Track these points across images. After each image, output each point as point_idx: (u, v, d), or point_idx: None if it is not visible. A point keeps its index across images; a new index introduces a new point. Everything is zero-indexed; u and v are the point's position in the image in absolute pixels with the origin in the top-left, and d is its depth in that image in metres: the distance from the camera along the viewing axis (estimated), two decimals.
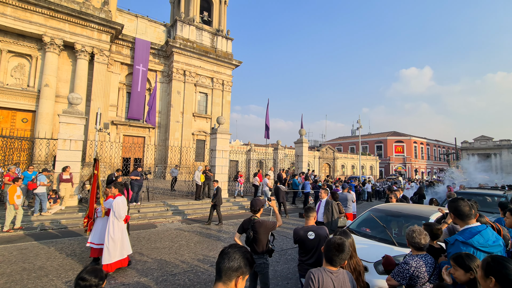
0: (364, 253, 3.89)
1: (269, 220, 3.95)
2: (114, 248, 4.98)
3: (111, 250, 4.95)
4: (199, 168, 12.81)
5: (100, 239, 5.25)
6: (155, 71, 24.10)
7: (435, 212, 4.93)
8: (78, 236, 7.60)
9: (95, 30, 19.47)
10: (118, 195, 5.23)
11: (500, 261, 1.55)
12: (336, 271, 2.21)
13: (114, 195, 5.28)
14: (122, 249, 5.14)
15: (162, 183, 18.30)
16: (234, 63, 27.16)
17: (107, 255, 4.92)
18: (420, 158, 56.45)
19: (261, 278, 3.66)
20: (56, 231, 8.07)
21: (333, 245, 2.24)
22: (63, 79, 19.13)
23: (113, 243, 4.99)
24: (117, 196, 5.21)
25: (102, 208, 5.27)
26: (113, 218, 5.08)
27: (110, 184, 6.82)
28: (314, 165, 37.65)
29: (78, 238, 7.40)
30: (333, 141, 66.18)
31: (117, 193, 5.27)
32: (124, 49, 22.37)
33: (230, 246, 1.60)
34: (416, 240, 2.60)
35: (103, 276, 1.92)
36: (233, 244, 1.64)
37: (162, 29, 24.99)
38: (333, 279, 2.15)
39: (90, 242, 5.36)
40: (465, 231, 2.45)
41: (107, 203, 5.33)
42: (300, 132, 18.30)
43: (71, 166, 9.25)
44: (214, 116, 25.38)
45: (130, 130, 22.70)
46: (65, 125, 9.44)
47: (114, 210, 5.05)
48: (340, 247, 2.22)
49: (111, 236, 5.00)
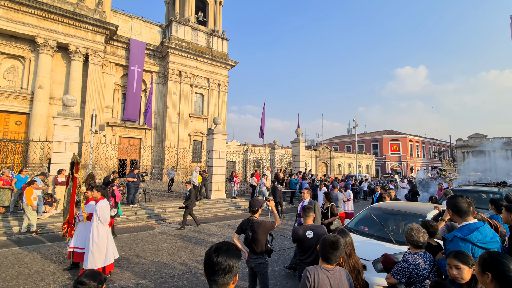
0: (363, 251, 3.90)
1: (267, 220, 3.94)
2: (99, 254, 4.75)
3: (96, 256, 4.71)
4: (196, 169, 12.76)
5: (81, 243, 5.03)
6: (150, 72, 23.97)
7: (432, 210, 4.97)
8: None
9: (89, 31, 19.29)
10: (101, 199, 5.01)
11: (496, 257, 1.57)
12: (332, 269, 2.21)
13: (96, 198, 5.04)
14: (107, 255, 4.90)
15: (159, 185, 18.20)
16: (230, 63, 27.12)
17: (90, 261, 4.66)
18: (416, 156, 56.96)
19: (260, 278, 3.66)
20: (52, 235, 7.97)
21: (327, 243, 2.24)
22: (57, 80, 18.92)
23: (98, 248, 4.74)
24: (100, 200, 4.99)
25: (84, 213, 5.01)
26: (97, 223, 4.84)
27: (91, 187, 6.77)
28: (311, 165, 37.76)
29: None
30: (329, 140, 66.47)
31: (99, 197, 5.03)
32: (119, 50, 22.20)
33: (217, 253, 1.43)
34: (414, 238, 2.62)
35: (102, 279, 1.90)
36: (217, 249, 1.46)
37: (157, 29, 24.86)
38: (329, 277, 2.15)
39: (73, 246, 5.10)
40: (463, 228, 2.47)
41: (88, 207, 5.10)
42: (296, 131, 18.33)
43: (67, 169, 9.11)
44: (211, 117, 25.32)
45: (126, 131, 22.54)
46: (59, 127, 9.33)
47: (99, 214, 4.82)
48: (335, 244, 2.23)
49: (95, 241, 4.74)
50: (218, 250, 1.45)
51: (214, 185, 13.22)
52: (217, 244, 1.50)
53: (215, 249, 1.46)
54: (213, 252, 1.45)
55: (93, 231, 4.81)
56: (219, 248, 1.47)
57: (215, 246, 1.48)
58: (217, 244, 1.51)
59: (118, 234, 8.15)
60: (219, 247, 1.48)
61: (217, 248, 1.46)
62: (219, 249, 1.46)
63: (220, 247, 1.48)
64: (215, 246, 1.48)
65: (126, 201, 10.81)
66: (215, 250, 1.46)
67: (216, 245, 1.50)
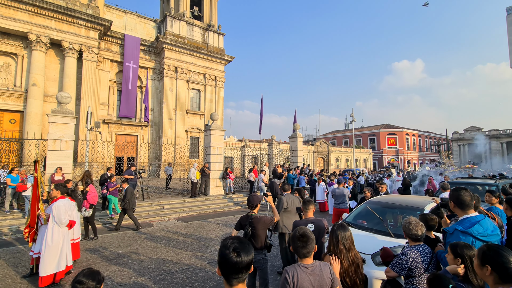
0: (361, 245, 3.90)
1: (266, 215, 3.93)
2: (50, 259, 4.40)
3: (47, 261, 4.36)
4: (194, 165, 12.72)
5: None
6: (146, 68, 23.71)
7: (430, 203, 4.99)
8: None
9: (83, 27, 18.97)
10: (60, 198, 4.67)
11: (495, 250, 1.56)
12: (312, 265, 2.12)
13: (55, 197, 4.70)
14: (60, 260, 4.53)
15: (157, 182, 18.14)
16: (226, 58, 26.90)
17: (41, 266, 4.32)
18: (413, 150, 57.34)
19: (260, 273, 3.66)
20: None
21: (296, 237, 2.16)
22: (51, 78, 18.65)
23: (50, 252, 4.40)
24: (58, 199, 4.63)
25: (43, 215, 4.64)
26: (52, 224, 4.50)
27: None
28: (309, 159, 37.86)
29: None
30: (327, 135, 66.60)
31: (58, 196, 4.68)
32: (114, 46, 21.90)
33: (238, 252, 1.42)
34: (413, 231, 2.62)
35: (100, 279, 1.87)
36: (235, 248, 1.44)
37: (152, 25, 24.54)
38: (308, 274, 2.07)
39: (38, 252, 4.69)
40: (464, 221, 2.47)
41: (49, 209, 4.69)
42: (294, 126, 18.29)
43: (63, 167, 9.06)
44: (208, 113, 25.19)
45: (122, 128, 22.37)
46: (54, 125, 9.21)
47: (54, 214, 4.47)
48: (304, 237, 2.14)
49: (48, 245, 4.41)
50: (237, 249, 1.42)
51: (212, 181, 13.20)
52: (232, 243, 1.45)
53: (234, 249, 1.42)
54: (232, 251, 1.42)
55: (48, 233, 4.46)
56: (237, 247, 1.44)
57: (232, 246, 1.44)
58: (231, 242, 1.46)
59: (116, 232, 8.13)
60: (237, 246, 1.44)
61: (235, 248, 1.43)
62: (238, 248, 1.43)
63: (237, 246, 1.44)
64: (233, 246, 1.44)
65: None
66: (234, 249, 1.42)
67: (231, 244, 1.45)
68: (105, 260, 5.79)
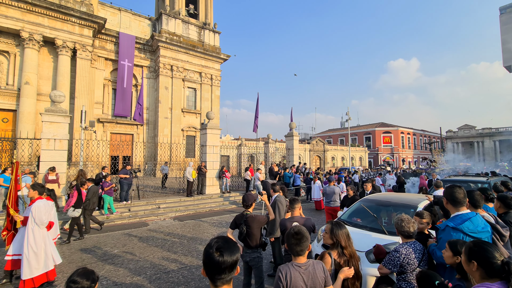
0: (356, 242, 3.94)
1: (261, 214, 3.95)
2: (36, 261, 4.28)
3: (32, 263, 4.23)
4: (190, 164, 12.69)
5: (19, 249, 4.44)
6: (141, 67, 23.54)
7: (423, 200, 5.06)
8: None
9: (76, 24, 18.74)
10: (39, 198, 4.53)
11: (481, 246, 1.61)
12: (305, 264, 2.13)
13: (32, 198, 4.56)
14: (47, 260, 4.42)
15: (153, 181, 18.07)
16: (222, 57, 26.82)
17: (27, 269, 4.20)
18: (407, 148, 57.87)
19: (255, 272, 3.68)
20: None
21: (291, 235, 2.18)
22: (44, 76, 18.41)
23: (35, 254, 4.27)
24: (37, 200, 4.51)
25: (17, 217, 4.44)
26: (32, 225, 4.35)
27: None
28: (305, 158, 37.99)
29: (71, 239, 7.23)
30: (323, 133, 66.87)
31: (36, 196, 4.55)
32: (108, 44, 21.68)
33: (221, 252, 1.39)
34: (405, 228, 2.67)
35: (95, 278, 1.87)
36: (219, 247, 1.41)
37: (147, 22, 24.33)
38: (301, 273, 2.07)
39: (12, 254, 4.47)
40: (455, 218, 2.52)
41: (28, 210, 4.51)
42: (290, 125, 18.34)
43: (57, 166, 8.97)
44: (204, 112, 25.11)
45: (118, 127, 22.20)
46: (48, 124, 9.11)
47: (34, 215, 4.32)
48: (298, 234, 2.15)
49: (31, 247, 4.26)
50: (220, 249, 1.40)
51: (208, 180, 13.19)
52: (216, 242, 1.43)
53: (217, 248, 1.40)
54: (215, 251, 1.39)
55: (28, 235, 4.32)
56: (220, 246, 1.41)
57: (215, 245, 1.41)
58: (215, 242, 1.44)
59: (111, 232, 8.09)
60: (220, 245, 1.41)
61: (218, 247, 1.40)
62: (221, 248, 1.40)
63: (221, 245, 1.41)
64: (216, 245, 1.41)
65: (119, 198, 10.71)
66: (217, 249, 1.40)
67: (215, 243, 1.43)
68: (100, 260, 5.77)
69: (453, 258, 2.18)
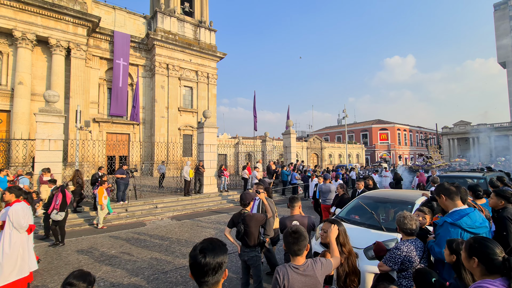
0: (354, 239, 3.93)
1: (259, 213, 3.93)
2: (10, 266, 4.05)
3: (6, 269, 4.01)
4: (187, 163, 12.63)
5: None
6: (136, 66, 23.33)
7: (420, 197, 5.07)
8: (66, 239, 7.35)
9: (70, 23, 18.50)
10: (16, 201, 4.34)
11: (482, 242, 1.59)
12: (303, 265, 2.08)
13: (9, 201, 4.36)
14: (23, 266, 4.18)
15: (150, 180, 17.97)
16: (218, 55, 26.68)
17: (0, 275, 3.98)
18: (404, 145, 58.18)
19: (253, 271, 3.66)
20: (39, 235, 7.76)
21: (289, 233, 2.13)
22: (38, 76, 18.17)
23: (8, 260, 4.05)
24: (15, 203, 4.30)
25: None
26: (10, 230, 4.14)
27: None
28: (302, 156, 38.02)
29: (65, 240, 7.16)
30: (320, 131, 66.98)
31: (13, 199, 4.35)
32: (103, 43, 21.45)
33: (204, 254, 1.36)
34: (408, 226, 2.63)
35: (92, 280, 1.82)
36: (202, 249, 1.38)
37: (142, 21, 24.09)
38: (300, 275, 2.02)
39: None
40: (454, 213, 2.51)
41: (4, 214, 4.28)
42: (287, 123, 18.33)
43: (52, 167, 8.86)
44: (201, 110, 24.99)
45: (114, 127, 22.02)
46: (42, 124, 8.99)
47: (12, 219, 4.11)
48: (297, 233, 2.11)
49: (5, 252, 4.05)
50: (204, 250, 1.37)
51: (206, 179, 13.14)
52: (201, 244, 1.41)
53: (200, 250, 1.37)
54: (199, 253, 1.36)
55: (4, 239, 4.11)
56: (204, 248, 1.38)
57: (199, 247, 1.39)
58: (201, 243, 1.42)
59: (108, 232, 8.02)
60: (204, 246, 1.39)
61: (202, 248, 1.38)
62: (205, 249, 1.37)
63: (205, 246, 1.39)
64: (200, 247, 1.39)
65: (116, 198, 10.63)
66: (200, 250, 1.37)
67: (200, 245, 1.41)
68: (97, 261, 5.72)
69: (450, 256, 2.17)
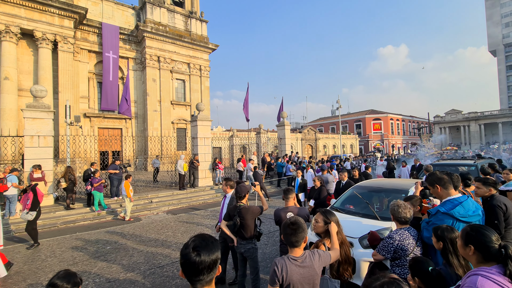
0: (349, 229, 3.98)
1: (255, 205, 3.91)
2: None
3: None
4: (181, 157, 12.53)
5: None
6: (126, 58, 22.79)
7: (413, 185, 5.11)
8: (57, 236, 7.27)
9: (56, 15, 17.87)
10: None
11: (478, 230, 1.59)
12: (301, 257, 2.08)
13: None
14: None
15: (144, 175, 17.83)
16: (210, 46, 26.22)
17: None
18: (397, 134, 58.86)
19: (250, 262, 3.67)
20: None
21: (287, 225, 2.13)
22: (24, 70, 17.63)
23: None
24: None
25: None
26: None
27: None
28: (297, 147, 38.17)
29: (57, 238, 7.08)
30: (314, 122, 67.17)
31: None
32: (91, 35, 20.83)
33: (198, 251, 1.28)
34: (402, 214, 2.65)
35: (77, 281, 1.77)
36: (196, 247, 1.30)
37: (130, 12, 23.42)
38: (298, 266, 2.03)
39: None
40: (447, 202, 2.52)
41: None
42: (281, 115, 18.26)
43: (43, 164, 8.67)
44: (194, 103, 24.71)
45: (105, 122, 21.64)
46: (30, 120, 8.75)
47: None
48: (295, 225, 2.10)
49: None
50: (197, 248, 1.29)
51: (201, 173, 13.09)
52: (193, 241, 1.33)
53: (193, 248, 1.29)
54: (192, 251, 1.28)
55: None
56: (198, 245, 1.30)
57: (192, 244, 1.30)
58: (192, 240, 1.33)
59: (103, 228, 7.95)
60: (198, 244, 1.31)
61: (195, 246, 1.29)
62: (198, 247, 1.29)
63: (198, 244, 1.31)
64: (193, 244, 1.30)
65: (110, 194, 10.52)
66: (194, 248, 1.29)
67: (192, 242, 1.32)
68: (92, 257, 5.67)
69: (437, 243, 2.18)
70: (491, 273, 1.40)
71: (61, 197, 10.00)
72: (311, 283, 2.06)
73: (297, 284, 2.01)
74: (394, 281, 1.27)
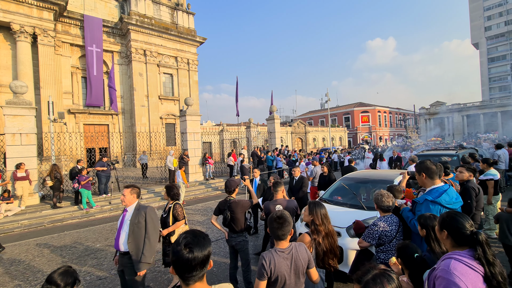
0: (337, 219, 4.10)
1: (245, 199, 3.97)
2: None
3: None
4: (170, 152, 12.42)
5: None
6: (111, 52, 22.14)
7: (398, 175, 5.29)
8: (45, 236, 7.14)
9: (34, 6, 17.11)
10: None
11: (453, 216, 1.70)
12: (287, 248, 2.14)
13: None
14: None
15: (133, 172, 17.59)
16: (198, 40, 25.79)
17: None
18: (384, 126, 60.09)
19: (241, 255, 3.74)
20: (19, 233, 7.48)
21: (273, 219, 2.18)
22: (2, 65, 16.89)
23: None
24: None
25: None
26: None
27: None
28: (287, 141, 38.42)
29: (45, 238, 6.95)
30: (304, 115, 67.58)
31: None
32: (72, 28, 20.07)
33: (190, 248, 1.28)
34: (385, 203, 2.78)
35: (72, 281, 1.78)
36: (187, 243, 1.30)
37: (114, 4, 22.64)
38: (285, 258, 2.09)
39: None
40: (432, 191, 2.65)
41: None
42: (271, 108, 18.29)
43: (26, 162, 8.43)
44: (182, 98, 24.36)
45: (91, 118, 21.08)
46: (11, 117, 8.45)
47: None
48: (281, 218, 2.15)
49: None
50: (189, 245, 1.29)
51: (191, 168, 13.04)
52: (184, 238, 1.33)
53: (185, 244, 1.29)
54: (184, 247, 1.28)
55: None
56: (189, 242, 1.30)
57: (183, 241, 1.30)
58: (183, 237, 1.33)
59: (92, 226, 7.85)
60: (189, 241, 1.30)
61: (187, 243, 1.30)
62: (190, 243, 1.30)
63: (190, 241, 1.31)
64: (184, 241, 1.30)
65: (98, 191, 10.35)
66: (185, 245, 1.29)
67: (183, 239, 1.32)
68: (82, 255, 5.61)
69: (421, 231, 2.31)
70: (462, 255, 1.51)
71: (47, 196, 9.78)
72: (298, 273, 2.14)
73: (285, 275, 2.08)
74: (385, 273, 1.32)
